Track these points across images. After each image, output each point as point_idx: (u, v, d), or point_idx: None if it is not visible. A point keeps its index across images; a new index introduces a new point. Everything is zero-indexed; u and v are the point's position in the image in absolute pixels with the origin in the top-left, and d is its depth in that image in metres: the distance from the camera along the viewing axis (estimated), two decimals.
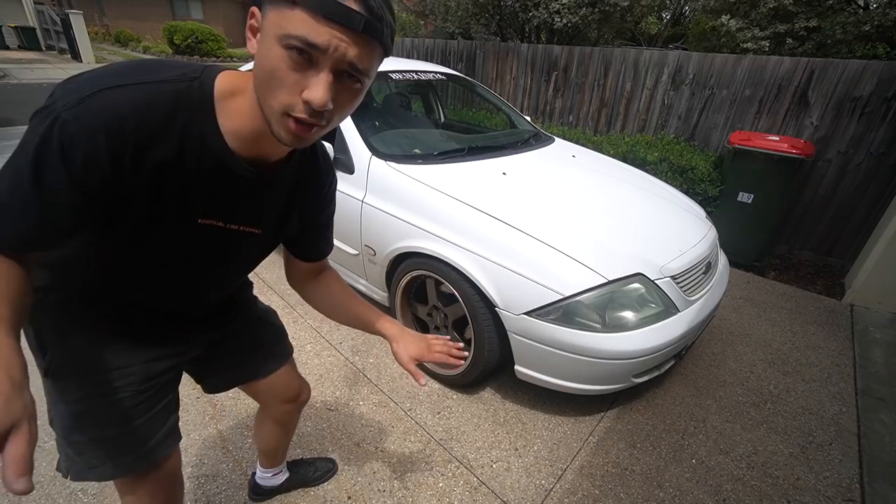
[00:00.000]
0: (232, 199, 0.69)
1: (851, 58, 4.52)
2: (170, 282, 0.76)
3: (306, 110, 0.55)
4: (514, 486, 1.57)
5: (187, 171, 0.62)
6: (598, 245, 1.75)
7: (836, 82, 3.16)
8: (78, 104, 0.52)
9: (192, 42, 14.96)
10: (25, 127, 0.55)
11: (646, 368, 1.70)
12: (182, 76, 0.59)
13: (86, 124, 0.53)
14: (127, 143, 0.55)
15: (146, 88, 0.56)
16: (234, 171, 0.65)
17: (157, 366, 0.84)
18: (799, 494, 1.61)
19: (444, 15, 7.07)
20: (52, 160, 0.53)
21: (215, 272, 0.80)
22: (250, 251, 0.81)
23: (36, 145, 0.53)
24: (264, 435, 1.26)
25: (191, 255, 0.72)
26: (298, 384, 1.17)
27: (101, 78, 0.55)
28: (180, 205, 0.64)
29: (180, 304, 0.83)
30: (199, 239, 0.70)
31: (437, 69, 3.00)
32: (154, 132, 0.57)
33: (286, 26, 0.52)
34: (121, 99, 0.54)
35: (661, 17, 9.90)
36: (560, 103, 4.78)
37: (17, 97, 7.94)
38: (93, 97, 0.53)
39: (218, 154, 0.63)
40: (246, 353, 1.03)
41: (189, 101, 0.59)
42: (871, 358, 2.36)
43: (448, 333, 1.94)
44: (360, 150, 2.12)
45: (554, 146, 2.70)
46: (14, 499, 1.39)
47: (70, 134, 0.52)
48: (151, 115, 0.56)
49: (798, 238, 3.54)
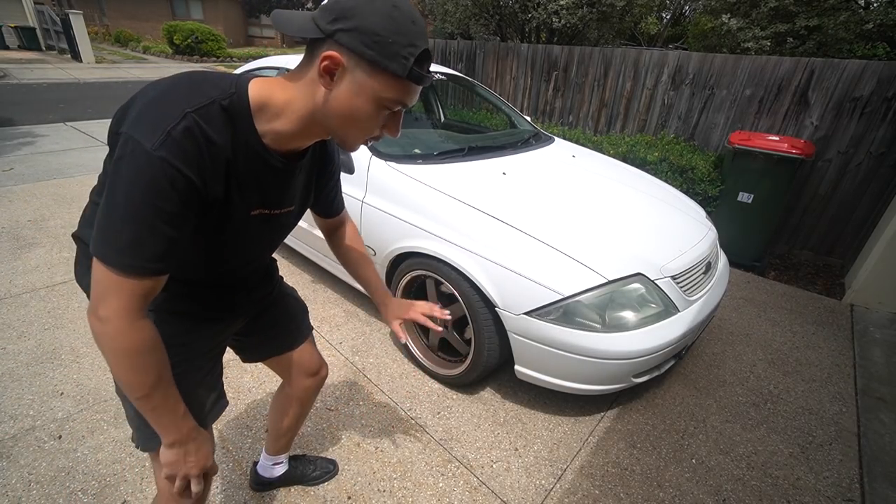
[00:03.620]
0: (274, 188, 0.81)
1: (851, 58, 4.52)
2: (231, 260, 0.88)
3: (379, 137, 0.75)
4: (514, 486, 1.57)
5: (240, 171, 0.73)
6: (597, 245, 1.75)
7: (836, 82, 3.16)
8: (165, 141, 0.61)
9: (192, 42, 14.96)
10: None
11: (646, 368, 1.70)
12: (223, 93, 0.68)
13: (180, 156, 0.62)
14: (206, 162, 0.66)
15: (204, 113, 0.65)
16: (273, 166, 0.77)
17: (213, 339, 0.96)
18: (799, 494, 1.61)
19: (443, 16, 7.07)
20: (167, 195, 0.62)
21: (264, 246, 0.94)
22: (288, 225, 0.95)
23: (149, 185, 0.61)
24: (280, 413, 1.31)
25: (248, 239, 0.85)
26: (320, 359, 1.26)
27: (167, 107, 0.64)
28: (241, 203, 0.76)
29: (236, 276, 0.95)
30: (253, 226, 0.83)
31: (437, 69, 3.00)
32: (219, 147, 0.68)
33: (391, 93, 0.68)
34: (193, 127, 0.63)
35: (660, 17, 9.90)
36: (560, 103, 4.78)
37: (17, 97, 7.93)
38: (174, 131, 0.62)
39: (261, 154, 0.74)
40: (280, 326, 1.15)
41: (234, 115, 0.69)
42: (871, 358, 2.36)
43: (448, 333, 1.94)
44: (360, 150, 2.13)
45: (554, 146, 2.70)
46: (13, 498, 1.40)
47: (174, 167, 0.62)
48: (215, 133, 0.66)
49: (798, 238, 3.54)
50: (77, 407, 1.74)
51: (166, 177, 0.61)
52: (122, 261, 0.64)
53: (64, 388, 1.82)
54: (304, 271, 2.89)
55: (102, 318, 0.66)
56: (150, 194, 0.62)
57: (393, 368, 2.09)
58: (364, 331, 2.34)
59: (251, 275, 1.01)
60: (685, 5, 8.68)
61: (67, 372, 1.91)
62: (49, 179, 4.10)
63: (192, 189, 0.65)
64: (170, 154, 0.61)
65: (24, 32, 16.28)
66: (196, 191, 0.66)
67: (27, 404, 1.74)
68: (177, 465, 0.79)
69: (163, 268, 0.68)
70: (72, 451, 1.56)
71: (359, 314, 2.48)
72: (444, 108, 3.81)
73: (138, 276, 0.65)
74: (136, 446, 0.91)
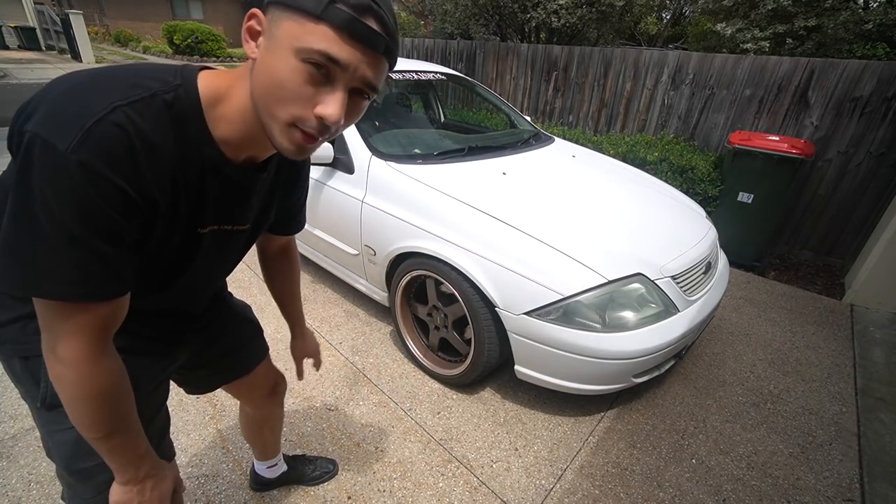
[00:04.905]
0: (229, 203, 0.69)
1: (851, 58, 4.52)
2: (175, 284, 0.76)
3: (318, 125, 0.55)
4: (514, 486, 1.57)
5: (189, 182, 0.61)
6: (598, 245, 1.75)
7: (836, 82, 3.16)
8: (83, 142, 0.48)
9: (192, 42, 14.95)
10: None
11: (646, 368, 1.70)
12: (164, 85, 0.56)
13: (103, 156, 0.49)
14: (142, 169, 0.54)
15: (141, 108, 0.53)
16: (230, 178, 0.65)
17: (155, 378, 0.84)
18: (799, 494, 1.61)
19: (443, 17, 7.07)
20: (92, 203, 0.50)
21: (213, 269, 0.81)
22: (240, 246, 0.83)
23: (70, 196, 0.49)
24: (251, 432, 1.30)
25: (195, 259, 0.72)
26: (275, 377, 1.20)
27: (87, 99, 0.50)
28: (189, 216, 0.64)
29: (181, 301, 0.83)
30: (203, 244, 0.71)
31: (437, 69, 3.00)
32: (161, 153, 0.55)
33: (307, 40, 0.51)
34: (124, 123, 0.51)
35: (660, 17, 9.90)
36: (560, 103, 4.78)
37: (17, 97, 7.93)
38: (97, 128, 0.49)
39: (214, 162, 0.62)
40: (230, 356, 1.05)
41: (180, 112, 0.57)
42: (871, 358, 2.36)
43: (448, 333, 1.94)
44: (360, 150, 2.12)
45: (554, 146, 2.70)
46: (13, 498, 1.39)
47: (95, 171, 0.49)
48: (155, 135, 0.54)
49: (798, 238, 3.54)
50: None
51: (91, 184, 0.49)
52: (61, 289, 0.52)
53: None
54: (304, 271, 2.89)
55: (63, 359, 0.56)
56: (73, 207, 0.49)
57: (393, 368, 2.09)
58: (364, 331, 2.34)
59: (200, 301, 0.89)
60: (685, 6, 8.68)
61: None
62: None
63: (124, 197, 0.52)
64: (92, 156, 0.48)
65: (23, 32, 16.29)
66: (128, 199, 0.53)
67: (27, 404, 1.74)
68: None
69: (118, 289, 0.57)
70: None
71: (359, 314, 2.48)
72: (444, 108, 3.81)
73: (88, 302, 0.55)
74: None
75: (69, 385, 0.58)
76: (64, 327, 0.55)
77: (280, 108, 0.54)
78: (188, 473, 1.52)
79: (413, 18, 10.91)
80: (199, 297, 0.88)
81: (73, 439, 0.72)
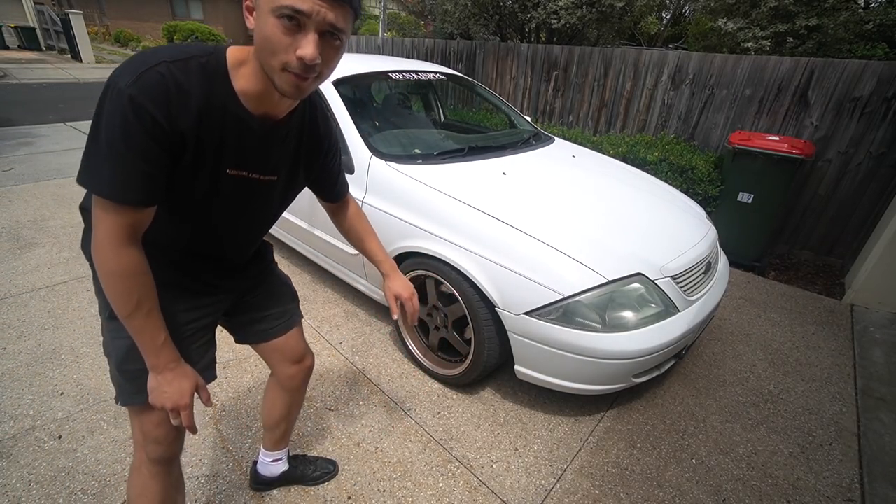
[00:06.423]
0: (252, 151, 0.84)
1: (851, 58, 4.52)
2: (212, 227, 0.90)
3: (300, 66, 0.69)
4: (514, 486, 1.57)
5: (214, 125, 0.76)
6: (598, 245, 1.75)
7: (836, 82, 3.16)
8: (136, 81, 0.67)
9: (192, 42, 14.95)
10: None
11: (646, 368, 1.70)
12: (203, 52, 0.75)
13: (147, 94, 0.68)
14: (174, 103, 0.71)
15: (181, 65, 0.72)
16: (250, 126, 0.80)
17: (197, 311, 0.99)
18: (799, 494, 1.61)
19: (443, 16, 7.06)
20: (133, 127, 0.68)
21: (249, 218, 0.96)
22: (273, 197, 0.97)
23: (120, 120, 0.67)
24: (269, 404, 1.34)
25: (227, 202, 0.87)
26: (304, 348, 1.28)
27: (147, 57, 0.71)
28: (214, 156, 0.79)
29: (221, 248, 0.97)
30: (231, 187, 0.85)
31: (437, 69, 3.00)
32: (190, 96, 0.72)
33: (278, 0, 0.65)
34: (165, 73, 0.70)
35: (660, 17, 9.90)
36: (560, 103, 4.78)
37: (17, 97, 7.93)
38: (147, 73, 0.68)
39: (236, 111, 0.78)
40: (267, 310, 1.17)
41: (211, 71, 0.75)
42: (871, 358, 2.36)
43: (448, 333, 1.94)
44: (360, 150, 2.12)
45: (554, 146, 2.70)
46: (13, 498, 1.40)
47: (139, 103, 0.67)
48: (189, 84, 0.72)
49: (798, 238, 3.54)
50: (77, 407, 1.74)
51: (133, 111, 0.67)
52: (104, 189, 0.71)
53: (64, 388, 1.82)
54: (304, 271, 2.89)
55: (97, 241, 0.74)
56: (120, 128, 0.67)
57: (393, 368, 2.09)
58: (364, 331, 2.34)
59: (239, 250, 1.03)
60: (685, 5, 8.68)
61: (67, 372, 1.91)
62: (49, 179, 4.10)
63: (158, 126, 0.69)
64: (139, 92, 0.67)
65: (24, 32, 16.30)
66: (161, 128, 0.70)
67: (27, 404, 1.74)
68: (156, 393, 0.85)
69: (141, 199, 0.73)
70: (72, 451, 1.56)
71: (359, 314, 2.48)
72: (444, 108, 3.81)
73: (119, 204, 0.72)
74: (116, 402, 0.96)
75: (98, 260, 0.75)
76: (102, 217, 0.73)
77: (272, 59, 0.70)
78: (188, 473, 1.52)
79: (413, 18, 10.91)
80: (235, 245, 1.01)
81: (126, 346, 0.89)
